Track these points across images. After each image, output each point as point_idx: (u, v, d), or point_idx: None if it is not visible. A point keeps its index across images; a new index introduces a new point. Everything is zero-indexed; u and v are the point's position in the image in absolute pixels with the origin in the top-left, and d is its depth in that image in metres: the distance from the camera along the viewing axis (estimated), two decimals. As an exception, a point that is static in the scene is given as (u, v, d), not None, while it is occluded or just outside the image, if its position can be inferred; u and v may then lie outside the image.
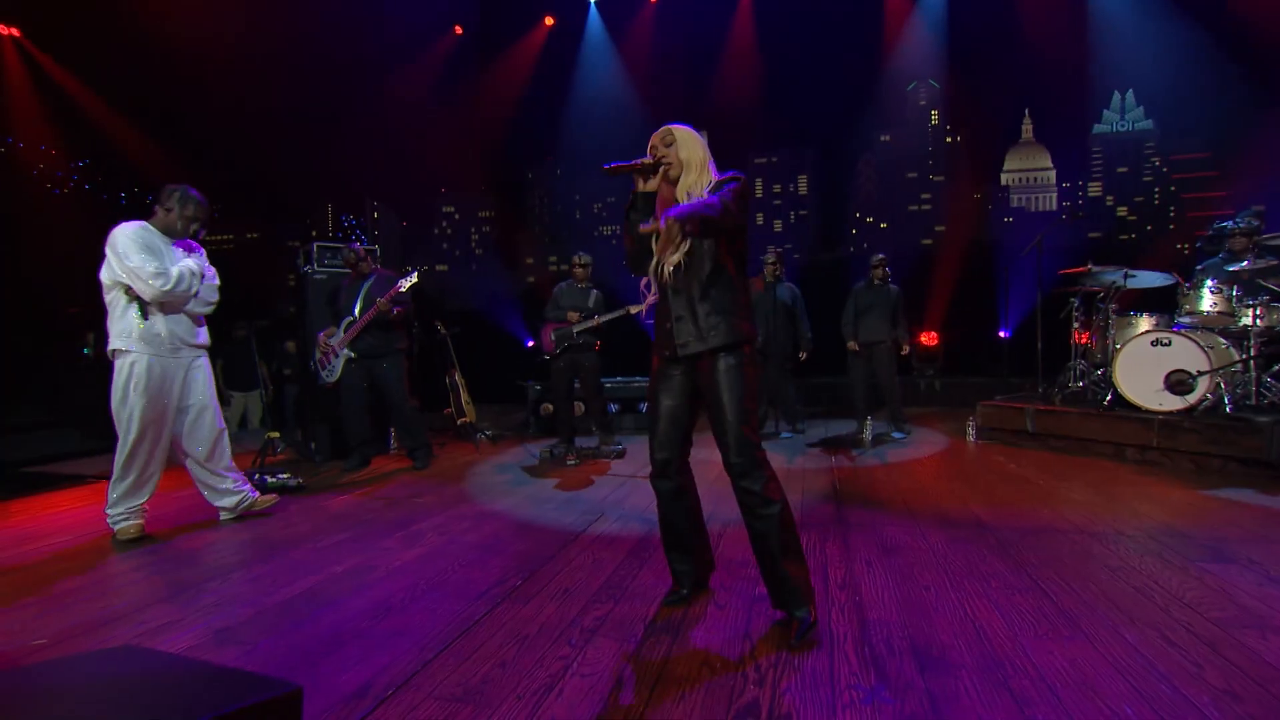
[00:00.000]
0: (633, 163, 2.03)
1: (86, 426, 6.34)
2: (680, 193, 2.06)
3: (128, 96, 8.55)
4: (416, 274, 4.57)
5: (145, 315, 3.08)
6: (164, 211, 3.17)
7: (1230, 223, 4.93)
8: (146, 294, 3.04)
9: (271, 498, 3.59)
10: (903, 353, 5.74)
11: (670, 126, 2.13)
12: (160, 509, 3.69)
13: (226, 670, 1.23)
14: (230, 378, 7.14)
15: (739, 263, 2.06)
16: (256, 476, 4.03)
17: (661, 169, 2.05)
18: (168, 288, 3.05)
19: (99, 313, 3.18)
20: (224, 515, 3.42)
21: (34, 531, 3.29)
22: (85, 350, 7.18)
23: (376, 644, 1.97)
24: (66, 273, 7.36)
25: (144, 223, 3.14)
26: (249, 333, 6.81)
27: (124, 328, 3.07)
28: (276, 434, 4.95)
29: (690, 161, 2.06)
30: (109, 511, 3.12)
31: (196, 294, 3.21)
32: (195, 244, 3.28)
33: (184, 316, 3.21)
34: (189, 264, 3.19)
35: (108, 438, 3.27)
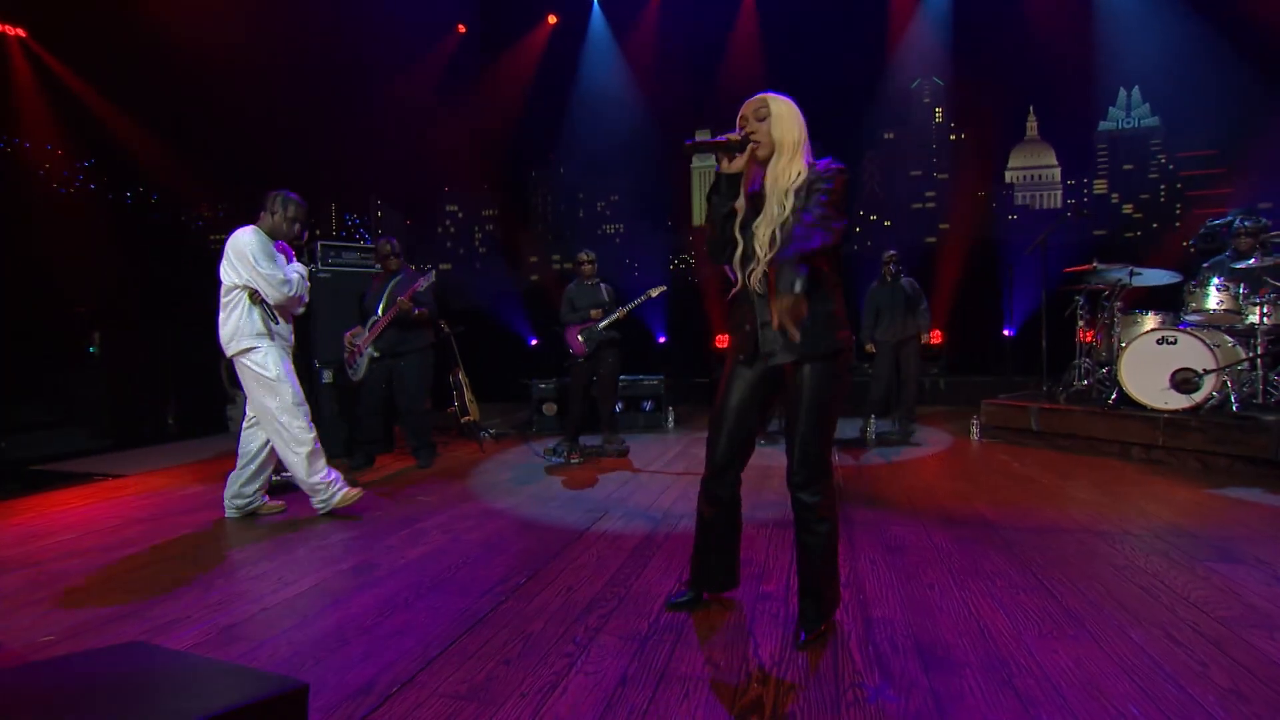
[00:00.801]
0: (718, 139, 1.86)
1: (92, 425, 6.38)
2: (769, 178, 1.86)
3: (132, 96, 8.58)
4: (434, 273, 4.59)
5: (276, 319, 3.29)
6: (269, 216, 3.33)
7: (1225, 220, 4.94)
8: (272, 297, 3.24)
9: (279, 504, 3.60)
10: (924, 336, 5.69)
11: (767, 96, 1.90)
12: (164, 506, 3.71)
13: (233, 667, 1.24)
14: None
15: (835, 263, 1.89)
16: (261, 475, 4.05)
17: (750, 148, 1.84)
18: (291, 292, 3.28)
19: (105, 312, 3.21)
20: (230, 512, 3.43)
21: (41, 529, 3.31)
22: (91, 349, 7.21)
23: (381, 641, 1.98)
24: (73, 272, 7.39)
25: (254, 227, 3.29)
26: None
27: (249, 327, 3.26)
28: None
29: (783, 143, 1.84)
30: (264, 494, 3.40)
31: (301, 297, 3.41)
32: (288, 247, 3.45)
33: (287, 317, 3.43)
34: (299, 268, 3.40)
35: (113, 436, 3.29)
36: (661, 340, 9.18)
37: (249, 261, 3.18)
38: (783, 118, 1.86)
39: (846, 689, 1.66)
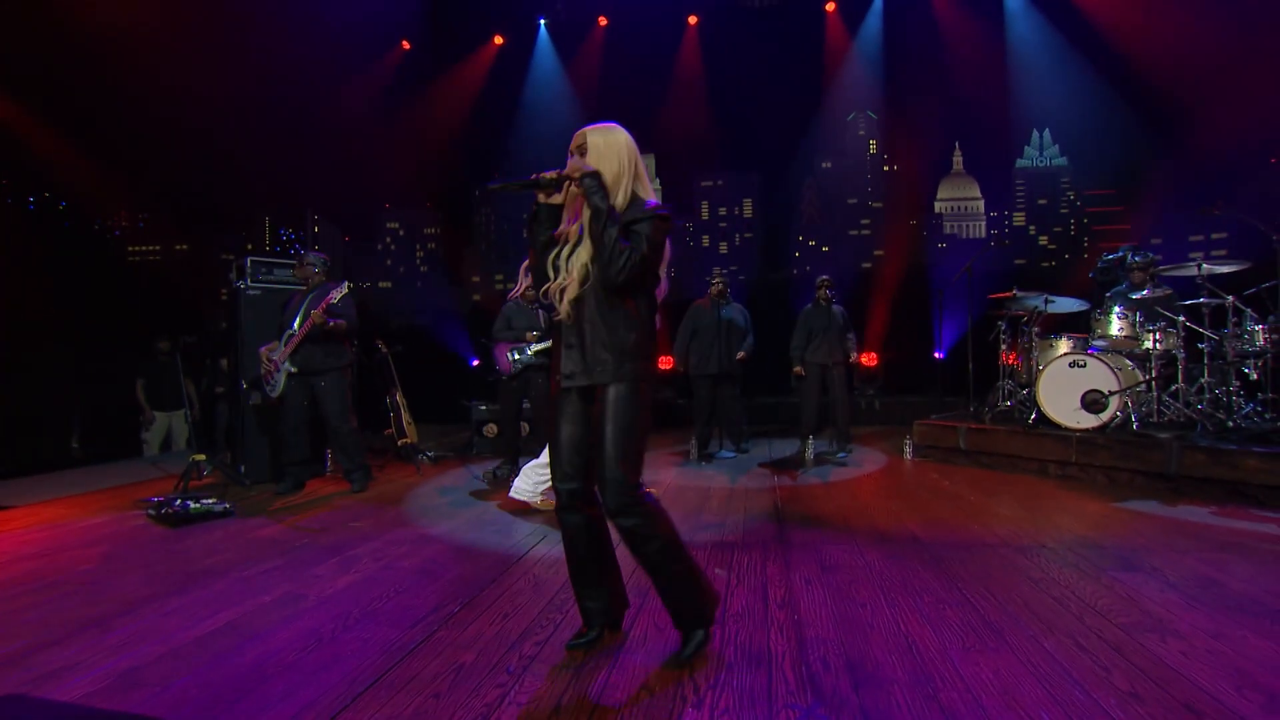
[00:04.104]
0: (526, 179, 1.90)
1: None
2: (584, 212, 1.89)
3: (38, 92, 7.97)
4: (347, 284, 4.45)
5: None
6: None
7: (1117, 254, 5.46)
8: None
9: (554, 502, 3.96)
10: (850, 361, 5.89)
11: (586, 129, 1.93)
12: (58, 540, 3.42)
13: (130, 717, 1.15)
14: (153, 396, 6.70)
15: (646, 300, 1.95)
16: (179, 502, 3.80)
17: (566, 185, 1.88)
18: None
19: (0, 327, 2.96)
20: (517, 495, 3.85)
21: (-86, 568, 2.98)
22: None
23: (304, 678, 1.87)
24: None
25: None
26: (173, 349, 6.44)
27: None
28: (202, 456, 4.68)
29: (602, 175, 1.88)
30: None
31: None
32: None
33: None
34: None
35: (2, 462, 3.02)
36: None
37: None
38: (598, 150, 1.91)
39: (780, 710, 1.68)
